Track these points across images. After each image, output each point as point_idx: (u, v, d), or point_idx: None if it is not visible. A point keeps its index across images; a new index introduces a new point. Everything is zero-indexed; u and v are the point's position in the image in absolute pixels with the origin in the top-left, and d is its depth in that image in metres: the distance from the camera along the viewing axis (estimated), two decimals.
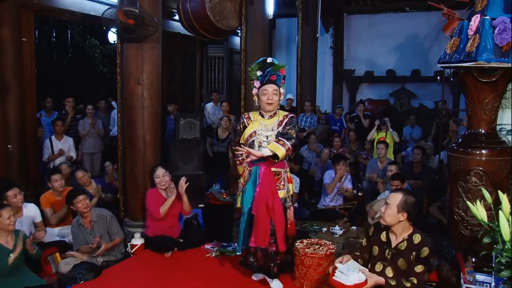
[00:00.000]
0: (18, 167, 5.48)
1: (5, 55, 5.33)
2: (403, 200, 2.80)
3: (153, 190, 4.45)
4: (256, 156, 3.25)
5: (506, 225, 2.18)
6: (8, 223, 3.45)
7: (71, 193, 4.23)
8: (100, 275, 3.79)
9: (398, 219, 2.79)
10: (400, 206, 2.79)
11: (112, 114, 7.44)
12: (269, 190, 3.32)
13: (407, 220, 2.82)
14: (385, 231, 2.92)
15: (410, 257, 2.75)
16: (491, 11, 3.12)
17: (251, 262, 3.52)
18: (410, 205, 2.80)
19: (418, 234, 2.81)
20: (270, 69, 3.41)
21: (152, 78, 4.61)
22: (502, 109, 3.63)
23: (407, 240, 2.80)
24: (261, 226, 3.31)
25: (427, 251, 2.72)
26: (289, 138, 3.29)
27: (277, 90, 3.41)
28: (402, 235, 2.83)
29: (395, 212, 2.79)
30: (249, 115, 3.55)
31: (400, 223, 2.81)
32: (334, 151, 6.85)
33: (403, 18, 9.92)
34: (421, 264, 2.72)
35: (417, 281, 2.70)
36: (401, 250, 2.81)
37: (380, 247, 2.93)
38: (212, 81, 10.52)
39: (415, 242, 2.78)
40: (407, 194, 2.86)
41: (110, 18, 4.47)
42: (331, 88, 10.76)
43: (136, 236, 4.41)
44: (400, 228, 2.83)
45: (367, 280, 2.72)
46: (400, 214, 2.79)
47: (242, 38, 6.18)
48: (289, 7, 9.97)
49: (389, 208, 2.82)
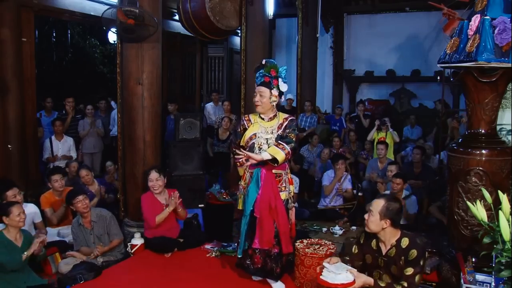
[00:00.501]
0: (18, 167, 5.49)
1: (5, 55, 5.34)
2: (385, 207, 2.72)
3: (147, 194, 4.33)
4: (256, 160, 3.26)
5: (506, 225, 2.18)
6: (18, 220, 3.50)
7: (70, 193, 4.24)
8: (100, 275, 3.78)
9: (382, 226, 2.73)
10: (382, 213, 2.71)
11: (112, 114, 7.44)
12: (271, 192, 3.34)
13: (392, 227, 2.74)
14: (375, 239, 2.85)
15: (400, 262, 2.69)
16: (491, 11, 3.12)
17: (247, 264, 3.50)
18: (392, 212, 2.72)
19: (406, 238, 2.73)
20: (262, 71, 3.40)
21: (152, 78, 4.61)
22: (502, 109, 3.63)
23: (395, 246, 2.74)
24: (265, 228, 3.32)
25: (415, 253, 2.65)
26: (288, 142, 3.30)
27: (264, 92, 3.36)
28: (390, 241, 2.76)
29: (377, 219, 2.73)
30: (249, 117, 3.55)
31: (385, 230, 2.74)
32: (334, 151, 6.85)
33: (403, 18, 9.91)
34: (410, 267, 2.65)
35: (408, 284, 2.63)
36: (391, 257, 2.75)
37: (373, 256, 2.87)
38: (212, 81, 10.52)
39: (403, 246, 2.71)
40: (390, 200, 2.79)
41: (110, 18, 4.47)
42: (331, 88, 10.75)
43: (136, 236, 4.41)
44: (386, 235, 2.77)
45: (355, 280, 2.67)
46: (383, 221, 2.72)
47: (242, 38, 6.18)
48: (289, 7, 9.97)
49: (371, 215, 2.76)
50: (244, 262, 3.53)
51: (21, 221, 3.54)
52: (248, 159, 3.30)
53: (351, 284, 2.65)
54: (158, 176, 4.29)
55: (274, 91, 3.39)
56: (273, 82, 3.39)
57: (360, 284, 2.67)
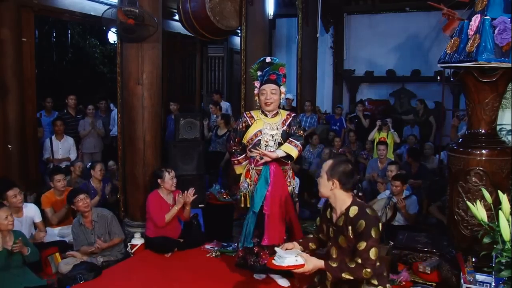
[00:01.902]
0: (18, 167, 5.49)
1: (5, 55, 5.34)
2: (331, 166, 2.53)
3: (155, 194, 4.37)
4: (270, 158, 3.32)
5: (506, 225, 2.18)
6: (6, 223, 3.44)
7: (72, 192, 4.25)
8: (100, 275, 3.79)
9: (329, 187, 2.53)
10: (329, 172, 2.52)
11: (112, 114, 7.45)
12: (281, 188, 3.41)
13: (342, 190, 2.52)
14: (330, 208, 2.65)
15: (348, 233, 2.47)
16: (491, 11, 3.12)
17: (253, 262, 3.53)
18: (342, 173, 2.50)
19: (355, 207, 2.49)
20: (268, 69, 3.43)
21: (152, 78, 4.61)
22: (502, 109, 3.62)
23: (344, 214, 2.51)
24: (276, 224, 3.36)
25: (363, 224, 2.40)
26: (298, 139, 3.40)
27: (275, 89, 3.42)
28: (341, 208, 2.54)
29: (325, 180, 2.53)
30: (252, 114, 3.56)
31: (334, 193, 2.54)
32: (334, 151, 6.84)
33: (403, 18, 9.91)
34: (362, 240, 2.40)
35: (362, 260, 2.38)
36: (340, 226, 2.53)
37: (326, 225, 2.70)
38: (212, 81, 10.52)
39: (351, 215, 2.47)
40: (339, 161, 2.59)
41: (110, 18, 4.47)
42: (331, 88, 10.75)
43: (136, 236, 4.41)
44: (337, 201, 2.55)
45: (305, 264, 2.47)
46: (330, 182, 2.51)
47: (242, 38, 6.18)
48: (289, 7, 9.97)
49: (321, 177, 2.57)
50: (249, 260, 3.55)
51: (9, 224, 3.47)
52: (262, 157, 3.35)
53: (300, 266, 2.50)
54: (174, 174, 4.41)
55: (282, 88, 3.47)
56: (281, 79, 3.45)
57: (311, 266, 2.48)
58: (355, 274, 2.42)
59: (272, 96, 3.40)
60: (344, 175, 2.52)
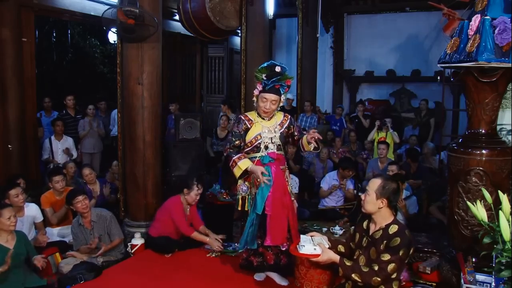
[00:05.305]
0: (18, 167, 5.48)
1: (5, 55, 5.34)
2: (381, 185, 2.65)
3: (178, 200, 4.37)
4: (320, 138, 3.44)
5: (506, 225, 2.18)
6: (9, 223, 3.44)
7: (70, 193, 4.24)
8: (100, 275, 3.79)
9: (378, 206, 2.65)
10: (378, 192, 2.64)
11: (112, 114, 7.45)
12: (282, 188, 3.43)
13: (388, 208, 2.67)
14: (368, 220, 2.79)
15: (381, 246, 2.60)
16: (491, 11, 3.12)
17: (259, 263, 3.55)
18: (389, 191, 2.63)
19: (395, 225, 2.63)
20: (276, 79, 3.40)
21: (152, 78, 4.61)
22: (502, 109, 3.62)
23: (383, 229, 2.65)
24: (279, 224, 3.37)
25: (398, 241, 2.54)
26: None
27: (276, 100, 3.44)
28: (381, 224, 2.68)
29: (373, 198, 2.65)
30: (249, 117, 3.56)
31: (380, 211, 2.66)
32: (334, 151, 6.84)
33: (403, 18, 9.90)
34: (388, 253, 2.54)
35: (378, 268, 2.52)
36: (375, 238, 2.66)
37: (361, 235, 2.82)
38: (212, 81, 10.52)
39: (390, 232, 2.61)
40: (386, 179, 2.72)
41: (110, 18, 4.48)
42: (331, 88, 10.74)
43: (136, 236, 4.41)
44: (380, 217, 2.68)
45: (321, 255, 2.68)
46: (379, 200, 2.64)
47: (242, 38, 6.18)
48: (289, 7, 9.97)
49: (368, 195, 2.69)
50: (255, 261, 3.57)
51: (12, 224, 3.46)
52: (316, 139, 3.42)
53: (315, 256, 2.69)
54: (202, 192, 4.46)
55: (282, 97, 3.52)
56: (285, 89, 3.49)
57: (325, 258, 2.68)
58: (364, 278, 2.54)
59: (271, 106, 3.43)
60: (392, 195, 2.66)
